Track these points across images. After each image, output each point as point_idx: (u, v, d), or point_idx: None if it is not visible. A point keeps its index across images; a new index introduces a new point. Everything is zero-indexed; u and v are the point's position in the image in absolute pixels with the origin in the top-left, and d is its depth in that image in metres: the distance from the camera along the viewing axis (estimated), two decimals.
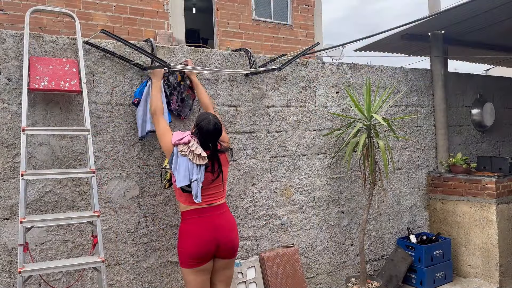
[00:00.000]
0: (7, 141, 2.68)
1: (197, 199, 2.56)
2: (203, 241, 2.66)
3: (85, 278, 2.92)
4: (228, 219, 2.81)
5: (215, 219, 2.72)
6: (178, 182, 2.59)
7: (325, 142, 4.15)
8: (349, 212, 4.31)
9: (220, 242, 2.71)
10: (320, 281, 4.10)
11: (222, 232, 2.72)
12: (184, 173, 2.57)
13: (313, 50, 4.46)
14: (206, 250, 2.67)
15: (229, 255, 2.80)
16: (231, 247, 2.78)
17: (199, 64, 3.41)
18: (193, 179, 2.57)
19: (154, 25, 7.82)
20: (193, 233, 2.68)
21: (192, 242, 2.66)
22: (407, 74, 4.86)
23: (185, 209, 2.74)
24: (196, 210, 2.71)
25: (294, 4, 9.87)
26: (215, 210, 2.75)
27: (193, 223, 2.70)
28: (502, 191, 4.42)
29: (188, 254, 2.67)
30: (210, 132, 2.67)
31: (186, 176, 2.57)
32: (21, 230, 2.37)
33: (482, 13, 4.38)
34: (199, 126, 2.68)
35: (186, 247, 2.68)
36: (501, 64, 7.95)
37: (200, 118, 2.73)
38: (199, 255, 2.66)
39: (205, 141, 2.69)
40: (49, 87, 2.63)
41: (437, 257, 4.41)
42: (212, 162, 2.72)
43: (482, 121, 5.62)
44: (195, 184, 2.58)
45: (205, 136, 2.68)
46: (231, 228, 2.80)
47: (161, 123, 2.81)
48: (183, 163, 2.58)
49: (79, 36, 2.82)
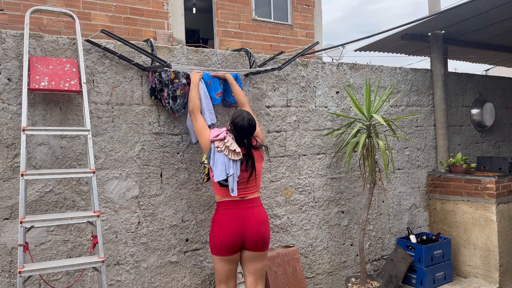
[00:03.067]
0: (7, 141, 2.68)
1: (233, 193, 2.72)
2: (230, 232, 2.79)
3: (85, 278, 2.92)
4: (258, 212, 2.90)
5: (244, 211, 2.84)
6: (216, 177, 2.74)
7: (325, 143, 4.15)
8: (349, 212, 4.31)
9: (246, 234, 2.81)
10: (320, 281, 4.10)
11: (249, 225, 2.82)
12: (221, 168, 2.73)
13: (313, 49, 4.46)
14: (232, 242, 2.79)
15: (257, 248, 2.87)
16: (258, 240, 2.85)
17: (199, 64, 3.41)
18: (230, 173, 2.72)
19: (154, 25, 7.82)
20: (222, 223, 2.82)
21: (220, 232, 2.81)
22: (407, 74, 4.86)
23: (220, 200, 2.89)
24: (229, 202, 2.85)
25: (294, 4, 9.87)
26: (247, 203, 2.86)
27: (224, 214, 2.84)
28: (502, 191, 4.42)
29: (216, 243, 2.82)
30: (244, 128, 2.81)
31: (223, 170, 2.72)
32: (21, 230, 2.37)
33: (482, 13, 4.38)
34: (234, 123, 2.83)
35: (215, 236, 2.83)
36: (501, 64, 7.95)
37: (235, 115, 2.87)
38: (225, 245, 2.79)
39: (240, 137, 2.82)
40: (49, 87, 2.63)
41: (437, 257, 4.41)
42: (247, 158, 2.84)
43: (482, 121, 5.63)
44: (232, 178, 2.73)
45: (239, 132, 2.81)
46: (260, 221, 2.88)
47: (198, 121, 2.95)
48: (220, 159, 2.74)
49: (79, 36, 2.82)
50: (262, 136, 3.15)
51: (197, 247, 3.39)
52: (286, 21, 9.83)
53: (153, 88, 3.12)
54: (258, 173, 2.93)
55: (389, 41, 5.43)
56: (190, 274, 3.35)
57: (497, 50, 6.09)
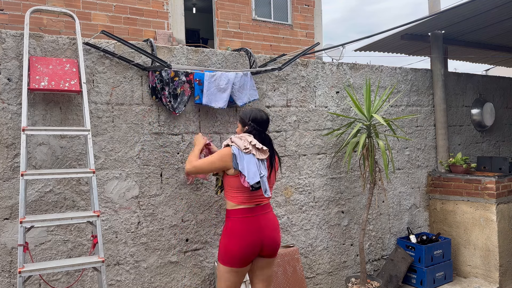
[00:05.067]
0: (7, 141, 2.68)
1: (266, 193, 2.62)
2: (249, 243, 2.67)
3: (85, 278, 2.92)
4: (272, 218, 2.83)
5: (260, 219, 2.74)
6: (250, 180, 2.60)
7: (325, 142, 4.15)
8: (349, 212, 4.31)
9: (264, 242, 2.72)
10: (320, 281, 4.10)
11: (266, 232, 2.73)
12: (255, 170, 2.62)
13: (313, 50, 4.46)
14: (251, 252, 2.68)
15: (271, 254, 2.82)
16: (274, 246, 2.80)
17: (199, 64, 3.41)
18: (262, 174, 2.63)
19: (154, 25, 7.82)
20: (239, 233, 2.68)
21: (237, 242, 2.66)
22: (407, 74, 4.86)
23: (234, 207, 2.73)
24: (245, 210, 2.71)
25: (294, 4, 9.87)
26: (261, 210, 2.77)
27: (240, 222, 2.70)
28: (502, 191, 4.42)
29: (232, 254, 2.66)
30: (264, 120, 2.81)
31: (256, 172, 2.62)
32: (21, 230, 2.37)
33: (482, 13, 4.38)
34: (253, 119, 2.79)
35: (231, 246, 2.67)
36: (501, 64, 7.95)
37: (249, 112, 2.83)
38: (242, 256, 2.66)
39: (261, 132, 2.79)
40: (49, 87, 2.63)
41: (437, 257, 4.41)
42: (269, 156, 2.78)
43: (482, 121, 5.63)
44: (264, 178, 2.64)
45: (262, 126, 2.79)
46: (274, 227, 2.82)
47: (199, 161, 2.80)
48: (251, 160, 2.64)
49: (79, 36, 2.82)
50: None
51: (197, 247, 3.39)
52: (286, 21, 9.83)
53: (154, 88, 3.13)
54: (273, 179, 2.86)
55: (389, 41, 5.43)
56: (190, 274, 3.35)
57: (497, 50, 6.09)
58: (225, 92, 3.28)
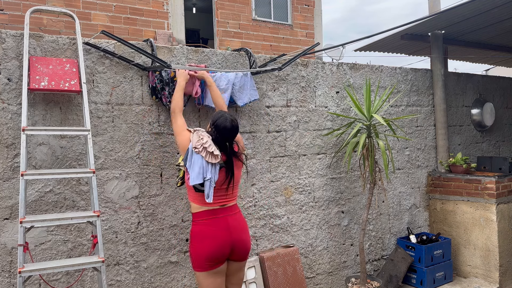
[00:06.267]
0: (7, 141, 2.68)
1: (208, 199, 2.50)
2: (219, 242, 2.59)
3: (85, 278, 2.92)
4: (240, 220, 2.75)
5: (228, 220, 2.66)
6: (191, 180, 2.52)
7: (325, 142, 4.15)
8: (349, 212, 4.31)
9: (234, 244, 2.65)
10: (320, 281, 4.10)
11: (236, 234, 2.66)
12: (199, 171, 2.52)
13: (313, 50, 4.46)
14: (222, 252, 2.60)
15: (242, 257, 2.75)
16: (245, 249, 2.72)
17: (199, 64, 3.41)
18: (207, 177, 2.52)
19: (154, 25, 7.82)
20: (208, 234, 2.60)
21: (207, 243, 2.58)
22: (407, 74, 4.86)
23: (198, 210, 2.66)
24: (210, 211, 2.63)
25: (294, 4, 9.87)
26: (228, 211, 2.69)
27: (207, 224, 2.62)
28: (502, 191, 4.42)
29: (204, 256, 2.58)
30: (227, 129, 2.62)
31: (200, 174, 2.51)
32: (21, 230, 2.37)
33: (482, 13, 4.38)
34: (215, 124, 2.63)
35: (201, 249, 2.59)
36: (501, 64, 7.95)
37: (216, 116, 2.68)
38: (215, 256, 2.58)
39: (222, 140, 2.64)
40: (49, 87, 2.63)
41: (437, 257, 4.41)
42: (227, 163, 2.66)
43: (482, 121, 5.63)
44: (208, 183, 2.52)
45: (222, 134, 2.62)
46: (244, 229, 2.75)
47: (178, 121, 2.77)
48: (197, 161, 2.53)
49: (79, 36, 2.82)
50: (243, 143, 2.97)
51: None
52: (286, 21, 9.83)
53: (154, 88, 3.13)
54: (236, 181, 2.74)
55: (389, 41, 5.43)
56: (190, 274, 3.35)
57: (497, 50, 6.09)
58: (226, 93, 3.28)
